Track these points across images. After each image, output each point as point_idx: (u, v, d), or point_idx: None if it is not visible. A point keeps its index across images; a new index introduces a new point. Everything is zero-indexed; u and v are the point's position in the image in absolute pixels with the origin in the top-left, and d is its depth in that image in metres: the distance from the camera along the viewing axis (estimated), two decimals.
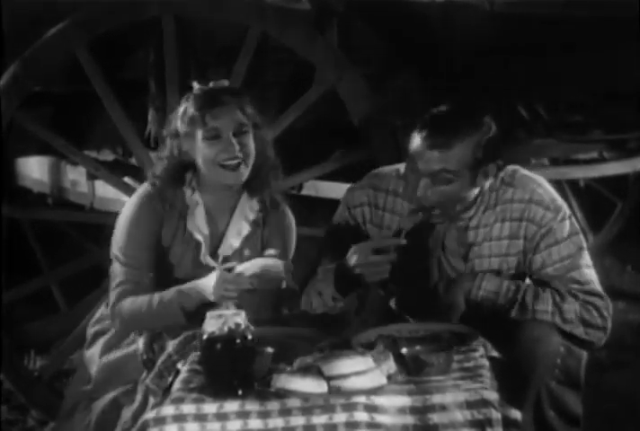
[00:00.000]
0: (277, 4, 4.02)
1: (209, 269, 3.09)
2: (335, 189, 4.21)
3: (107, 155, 4.38)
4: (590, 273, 3.07)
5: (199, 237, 3.14)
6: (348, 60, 3.95)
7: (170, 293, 3.05)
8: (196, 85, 3.12)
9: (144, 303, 3.06)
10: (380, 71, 4.30)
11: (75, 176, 4.40)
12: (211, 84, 3.14)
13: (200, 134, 3.08)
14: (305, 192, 4.34)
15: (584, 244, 3.09)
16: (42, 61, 3.88)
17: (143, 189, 3.18)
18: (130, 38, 4.10)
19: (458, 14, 4.26)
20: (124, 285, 3.10)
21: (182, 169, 3.15)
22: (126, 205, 3.19)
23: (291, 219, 3.28)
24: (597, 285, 3.07)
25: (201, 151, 3.09)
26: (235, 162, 3.07)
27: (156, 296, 3.06)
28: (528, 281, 3.11)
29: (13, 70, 3.86)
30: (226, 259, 3.15)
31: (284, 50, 3.97)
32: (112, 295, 3.11)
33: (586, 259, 3.08)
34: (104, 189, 4.28)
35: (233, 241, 3.17)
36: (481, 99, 3.18)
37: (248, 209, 3.20)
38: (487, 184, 3.07)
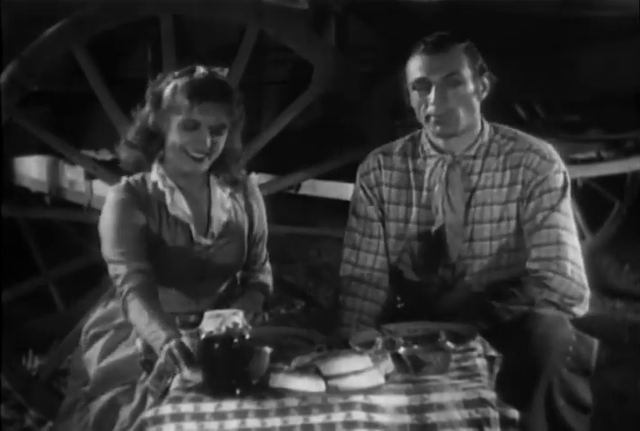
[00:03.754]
0: (275, 3, 4.02)
1: (203, 248, 3.18)
2: (333, 189, 4.21)
3: (105, 155, 4.37)
4: (564, 220, 3.13)
5: (185, 219, 3.18)
6: (346, 59, 3.94)
7: (162, 332, 2.92)
8: (199, 69, 3.12)
9: (143, 319, 2.99)
10: (378, 70, 4.30)
11: (73, 175, 4.39)
12: (212, 71, 3.14)
13: (177, 119, 3.10)
14: (302, 191, 4.34)
15: (569, 195, 3.18)
16: (40, 60, 3.87)
17: (122, 183, 3.20)
18: (128, 37, 4.10)
19: (456, 14, 4.26)
20: (131, 278, 3.05)
21: (152, 138, 3.17)
22: (107, 202, 3.18)
23: (256, 186, 3.37)
24: (564, 237, 3.11)
25: (173, 133, 3.13)
26: (201, 155, 3.12)
27: (154, 326, 2.95)
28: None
29: (11, 69, 3.85)
30: (220, 236, 3.21)
31: (282, 50, 3.96)
32: (124, 290, 3.05)
33: (567, 207, 3.16)
34: (102, 189, 4.27)
35: (220, 215, 3.23)
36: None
37: (222, 185, 3.26)
38: (487, 129, 3.21)
